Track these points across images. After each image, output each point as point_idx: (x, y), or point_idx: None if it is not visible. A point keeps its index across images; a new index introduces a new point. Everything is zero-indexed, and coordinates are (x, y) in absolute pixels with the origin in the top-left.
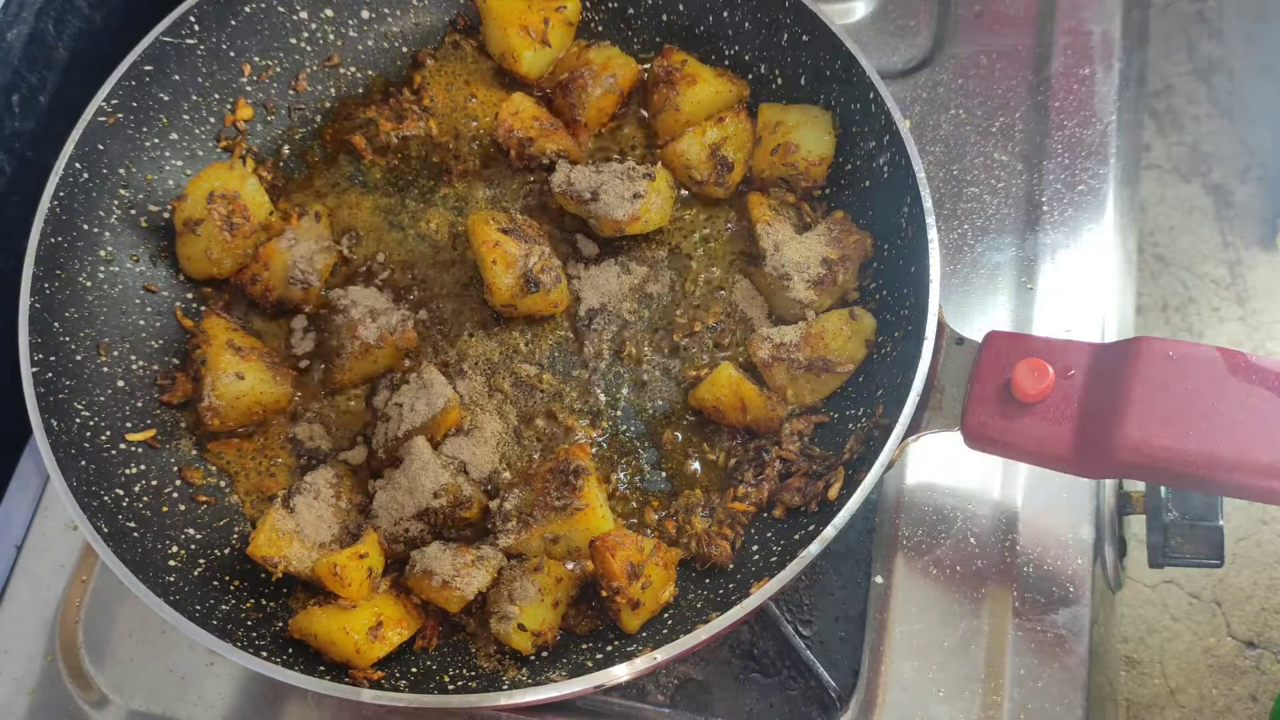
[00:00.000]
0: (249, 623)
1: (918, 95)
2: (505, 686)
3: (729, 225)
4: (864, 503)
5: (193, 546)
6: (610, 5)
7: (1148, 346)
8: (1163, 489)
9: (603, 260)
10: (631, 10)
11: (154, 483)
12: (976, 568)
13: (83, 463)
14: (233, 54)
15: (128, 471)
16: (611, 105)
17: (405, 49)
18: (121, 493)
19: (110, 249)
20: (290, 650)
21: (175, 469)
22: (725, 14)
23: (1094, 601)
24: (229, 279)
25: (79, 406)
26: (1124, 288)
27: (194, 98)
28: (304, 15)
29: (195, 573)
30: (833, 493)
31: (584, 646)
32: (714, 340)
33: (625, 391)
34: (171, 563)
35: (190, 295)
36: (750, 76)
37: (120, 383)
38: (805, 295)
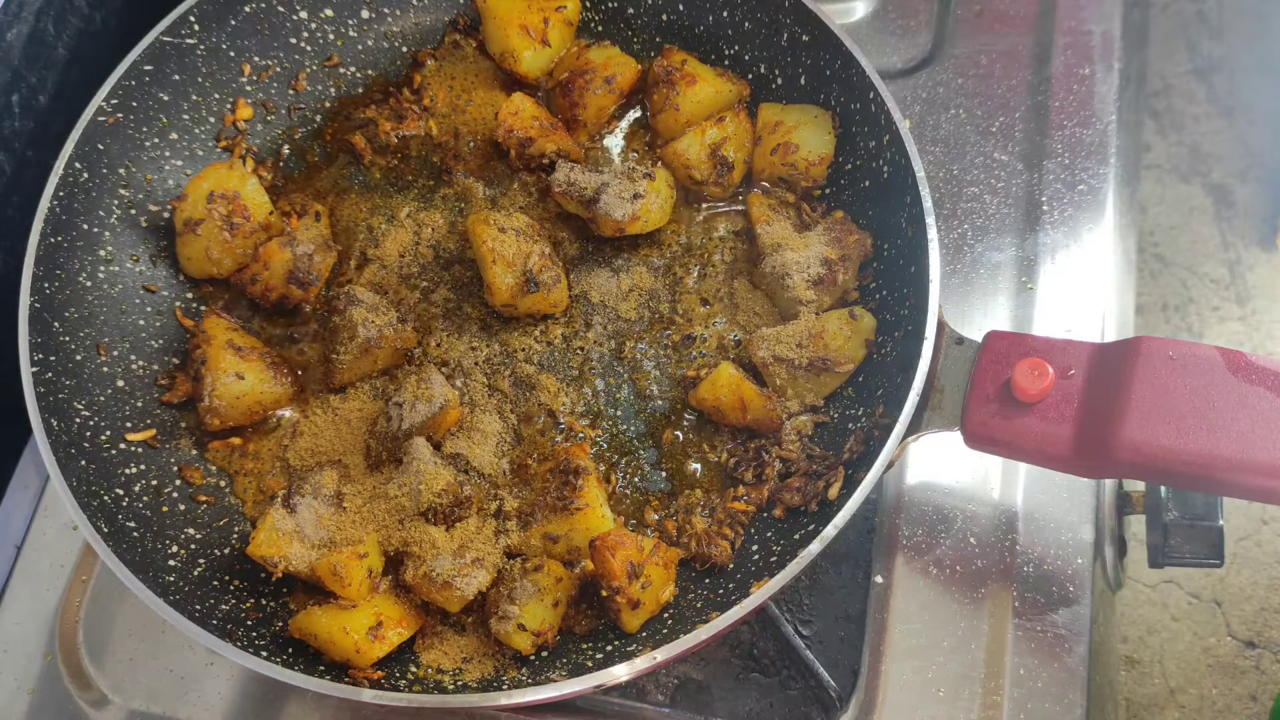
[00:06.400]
0: (249, 623)
1: (918, 95)
2: (505, 686)
3: (729, 225)
4: (864, 503)
5: (193, 546)
6: (610, 5)
7: (1148, 346)
8: (1163, 489)
9: (603, 260)
10: (631, 10)
11: (154, 483)
12: (976, 568)
13: (83, 463)
14: (233, 54)
15: (128, 471)
16: (611, 105)
17: (405, 49)
18: (121, 493)
19: (110, 249)
20: (290, 650)
21: (175, 469)
22: (725, 14)
23: (1094, 601)
24: (229, 279)
25: (79, 406)
26: (1124, 288)
27: (194, 98)
28: (304, 15)
29: (195, 573)
30: (833, 492)
31: (584, 646)
32: (714, 340)
33: (625, 391)
34: (171, 563)
35: (190, 295)
36: (750, 76)
37: (120, 383)
38: (805, 295)
